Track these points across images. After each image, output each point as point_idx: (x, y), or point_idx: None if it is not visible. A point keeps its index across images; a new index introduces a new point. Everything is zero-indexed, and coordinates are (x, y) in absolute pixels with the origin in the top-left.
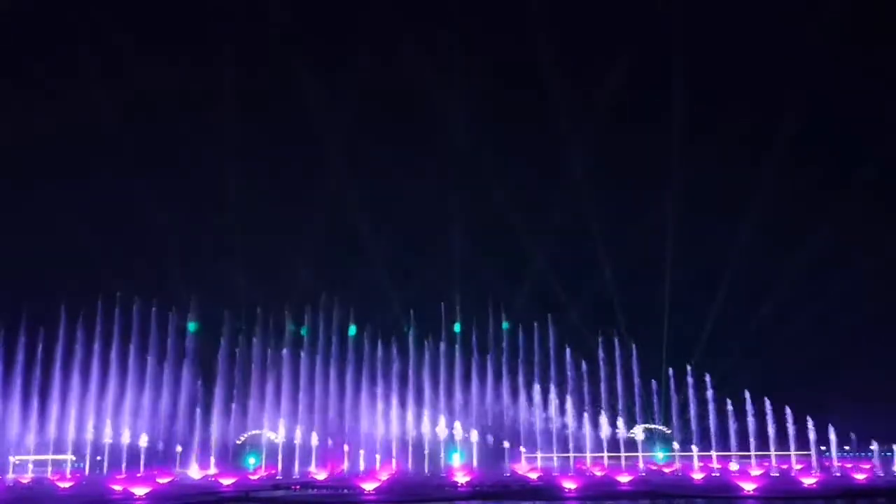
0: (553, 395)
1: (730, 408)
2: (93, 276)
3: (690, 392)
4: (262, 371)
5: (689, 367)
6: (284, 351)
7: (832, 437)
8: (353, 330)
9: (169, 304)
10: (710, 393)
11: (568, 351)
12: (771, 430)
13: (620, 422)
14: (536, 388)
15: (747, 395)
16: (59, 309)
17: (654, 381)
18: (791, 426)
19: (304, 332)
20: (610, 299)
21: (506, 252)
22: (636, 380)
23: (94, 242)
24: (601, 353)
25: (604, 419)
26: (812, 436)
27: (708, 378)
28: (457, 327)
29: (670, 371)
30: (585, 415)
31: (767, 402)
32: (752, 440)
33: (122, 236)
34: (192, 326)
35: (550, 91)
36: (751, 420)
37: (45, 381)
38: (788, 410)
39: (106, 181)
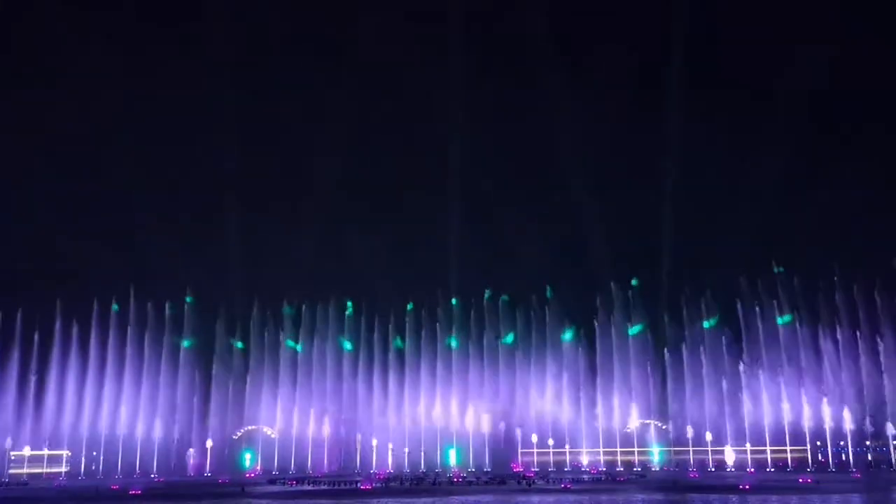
0: (551, 385)
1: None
2: (89, 274)
3: (687, 377)
4: (258, 366)
5: (684, 350)
6: (282, 340)
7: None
8: (347, 345)
9: (164, 298)
10: (706, 382)
11: (565, 340)
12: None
13: (616, 416)
14: (535, 378)
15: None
16: (55, 306)
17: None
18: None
19: (299, 348)
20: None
21: (501, 232)
22: (632, 368)
23: (90, 239)
24: (598, 344)
25: (600, 412)
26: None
27: (704, 360)
28: (451, 339)
29: (666, 354)
30: (583, 409)
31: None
32: (747, 436)
33: (120, 233)
34: (186, 341)
35: (545, 62)
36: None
37: (40, 378)
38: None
39: (104, 176)
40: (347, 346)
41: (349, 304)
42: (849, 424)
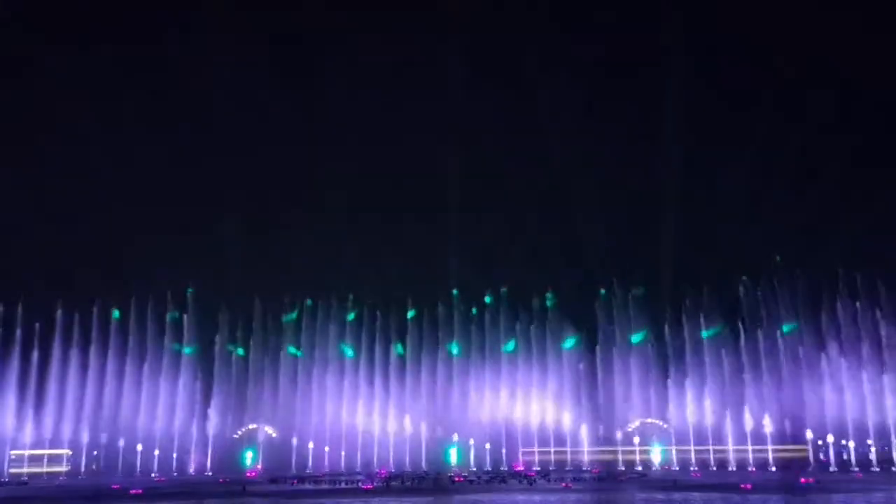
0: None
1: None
2: (89, 275)
3: (689, 376)
4: (259, 367)
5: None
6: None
7: None
8: (349, 351)
9: (164, 299)
10: (707, 382)
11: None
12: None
13: (618, 416)
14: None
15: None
16: (55, 307)
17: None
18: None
19: (300, 354)
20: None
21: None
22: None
23: (91, 240)
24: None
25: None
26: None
27: (707, 361)
28: (452, 346)
29: (668, 355)
30: (584, 408)
31: None
32: (748, 436)
33: (120, 236)
34: (187, 348)
35: (542, 64)
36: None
37: (41, 377)
38: None
39: (105, 178)
40: (349, 352)
41: (350, 297)
42: (850, 414)
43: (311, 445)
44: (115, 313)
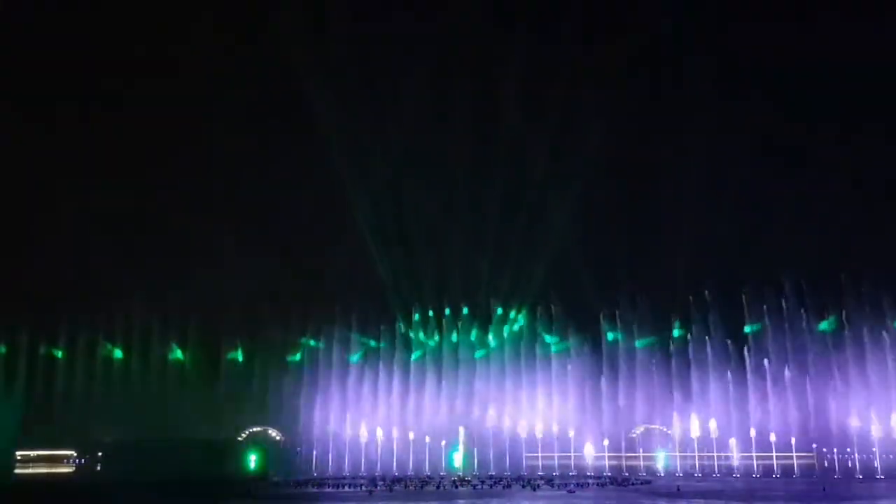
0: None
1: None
2: (93, 279)
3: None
4: (263, 370)
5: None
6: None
7: None
8: (355, 357)
9: (167, 302)
10: (711, 388)
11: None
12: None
13: (622, 421)
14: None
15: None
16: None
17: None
18: None
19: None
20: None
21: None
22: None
23: (94, 245)
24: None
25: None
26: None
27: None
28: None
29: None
30: (588, 414)
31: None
32: (752, 441)
33: (124, 239)
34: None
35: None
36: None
37: (47, 378)
38: None
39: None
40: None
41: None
42: (855, 422)
43: (314, 454)
44: (118, 353)
